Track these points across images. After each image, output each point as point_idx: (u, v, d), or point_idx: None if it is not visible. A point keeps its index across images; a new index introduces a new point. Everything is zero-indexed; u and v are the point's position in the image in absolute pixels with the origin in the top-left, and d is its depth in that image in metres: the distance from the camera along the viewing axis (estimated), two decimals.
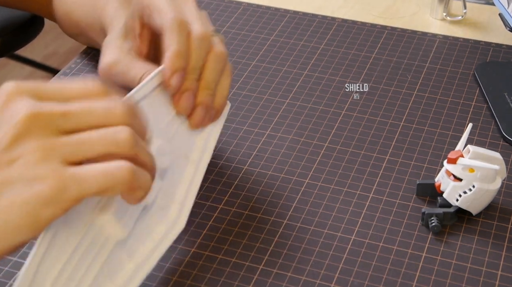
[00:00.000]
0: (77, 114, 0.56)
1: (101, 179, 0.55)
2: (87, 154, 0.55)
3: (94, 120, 0.56)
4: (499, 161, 0.73)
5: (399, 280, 0.68)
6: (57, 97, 0.57)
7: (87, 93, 0.58)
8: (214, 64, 0.72)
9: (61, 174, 0.54)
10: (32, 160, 0.54)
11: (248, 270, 0.69)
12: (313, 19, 1.03)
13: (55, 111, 0.55)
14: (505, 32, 1.00)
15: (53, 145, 0.55)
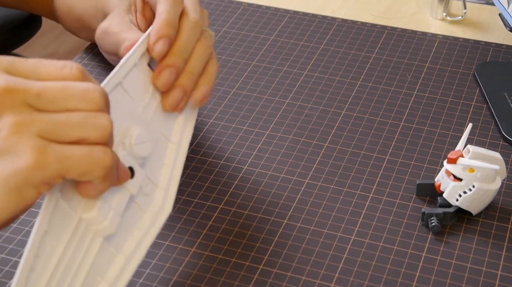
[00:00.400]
0: (53, 95, 0.54)
1: (84, 161, 0.54)
2: (65, 136, 0.54)
3: (70, 103, 0.55)
4: (499, 161, 0.73)
5: (399, 280, 0.68)
6: (32, 75, 0.55)
7: (64, 75, 0.56)
8: (201, 53, 0.71)
9: (42, 150, 0.53)
10: (10, 134, 0.53)
11: (248, 270, 0.69)
12: (313, 19, 1.03)
13: (29, 88, 0.54)
14: (505, 32, 1.00)
15: (32, 121, 0.53)
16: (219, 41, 0.98)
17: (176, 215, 0.74)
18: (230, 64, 0.94)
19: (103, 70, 0.93)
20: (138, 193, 0.65)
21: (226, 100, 0.89)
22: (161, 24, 0.68)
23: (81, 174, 0.55)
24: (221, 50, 0.97)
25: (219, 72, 0.93)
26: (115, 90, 0.64)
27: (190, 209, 0.75)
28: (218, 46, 0.98)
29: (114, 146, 0.62)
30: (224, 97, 0.89)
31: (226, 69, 0.94)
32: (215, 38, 0.99)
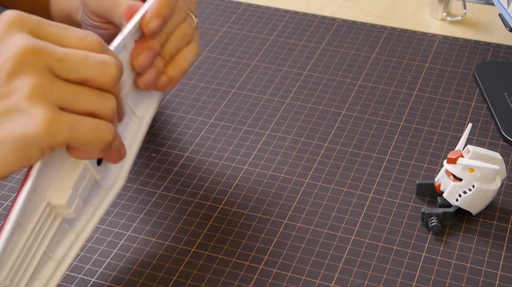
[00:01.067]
0: (73, 63, 0.57)
1: (91, 133, 0.57)
2: (78, 107, 0.57)
3: (88, 72, 0.57)
4: (499, 161, 0.73)
5: (399, 280, 0.68)
6: (56, 39, 0.57)
7: (85, 45, 0.58)
8: (179, 38, 0.71)
9: (55, 118, 0.55)
10: (28, 97, 0.55)
11: (248, 270, 0.69)
12: (313, 19, 1.03)
13: (53, 52, 0.56)
14: (505, 32, 1.00)
15: (51, 87, 0.56)
16: (219, 41, 0.99)
17: (176, 215, 0.74)
18: (230, 64, 0.94)
19: None
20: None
21: (226, 100, 0.89)
22: (162, 3, 0.68)
23: (84, 144, 0.58)
24: (221, 50, 0.97)
25: (219, 72, 0.93)
26: (120, 54, 0.65)
27: (190, 209, 0.75)
28: (218, 46, 0.98)
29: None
30: (224, 97, 0.89)
31: (226, 69, 0.94)
32: (215, 37, 0.99)
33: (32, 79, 0.55)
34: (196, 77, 0.92)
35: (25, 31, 0.57)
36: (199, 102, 0.88)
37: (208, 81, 0.92)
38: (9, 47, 0.55)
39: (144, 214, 0.74)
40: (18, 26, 0.56)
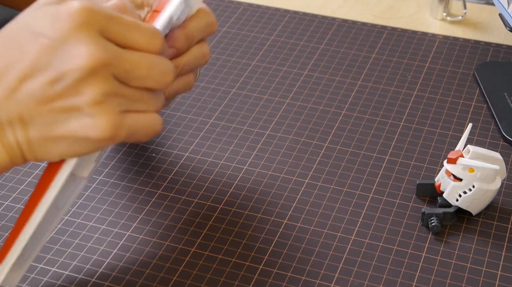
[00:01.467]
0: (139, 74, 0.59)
1: (146, 129, 0.61)
2: (137, 108, 0.60)
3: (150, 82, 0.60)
4: (499, 161, 0.73)
5: (399, 280, 0.68)
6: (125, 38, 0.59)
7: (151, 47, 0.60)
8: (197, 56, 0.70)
9: (118, 126, 0.58)
10: (95, 103, 0.57)
11: (248, 270, 0.69)
12: (313, 19, 1.03)
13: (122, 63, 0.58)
14: (505, 32, 1.00)
15: (116, 94, 0.58)
16: (219, 41, 0.99)
17: (176, 215, 0.74)
18: (230, 64, 0.94)
19: None
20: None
21: (226, 100, 0.89)
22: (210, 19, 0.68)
23: (138, 139, 0.61)
24: (221, 50, 0.97)
25: (219, 72, 0.93)
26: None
27: (190, 209, 0.75)
28: (218, 46, 0.98)
29: None
30: (224, 97, 0.89)
31: (226, 69, 0.94)
32: (215, 37, 0.99)
33: (100, 88, 0.57)
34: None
35: (95, 31, 0.57)
36: (199, 102, 0.88)
37: (208, 81, 0.92)
38: (79, 53, 0.56)
39: (144, 214, 0.74)
40: (89, 24, 0.57)
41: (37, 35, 0.57)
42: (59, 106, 0.57)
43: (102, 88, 0.57)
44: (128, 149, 0.82)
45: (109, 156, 0.81)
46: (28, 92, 0.57)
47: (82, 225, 0.73)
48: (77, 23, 0.57)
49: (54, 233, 0.72)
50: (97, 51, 0.56)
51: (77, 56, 0.56)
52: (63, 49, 0.57)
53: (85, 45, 0.56)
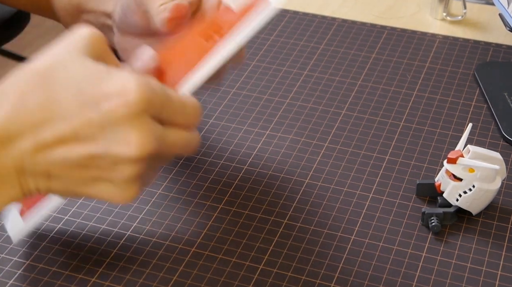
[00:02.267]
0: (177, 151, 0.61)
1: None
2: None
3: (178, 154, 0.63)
4: (499, 161, 0.73)
5: (399, 280, 0.68)
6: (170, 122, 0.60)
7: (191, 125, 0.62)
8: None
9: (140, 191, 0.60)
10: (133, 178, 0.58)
11: (248, 270, 0.69)
12: (313, 19, 1.03)
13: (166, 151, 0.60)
14: (505, 32, 1.00)
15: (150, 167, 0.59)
16: None
17: (176, 215, 0.74)
18: None
19: None
20: None
21: (226, 100, 0.89)
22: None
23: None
24: None
25: None
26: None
27: (190, 209, 0.75)
28: None
29: None
30: (224, 97, 0.89)
31: None
32: None
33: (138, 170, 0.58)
34: None
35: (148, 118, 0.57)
36: (199, 102, 0.88)
37: None
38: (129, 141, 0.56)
39: (144, 214, 0.74)
40: (144, 112, 0.57)
41: (85, 104, 0.56)
42: (92, 175, 0.58)
43: (140, 170, 0.58)
44: None
45: None
46: (64, 155, 0.57)
47: (82, 225, 0.73)
48: (133, 112, 0.56)
49: (54, 233, 0.72)
50: (148, 142, 0.57)
51: (126, 143, 0.56)
52: (111, 129, 0.56)
53: (136, 134, 0.56)
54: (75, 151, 0.57)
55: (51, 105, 0.57)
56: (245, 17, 0.65)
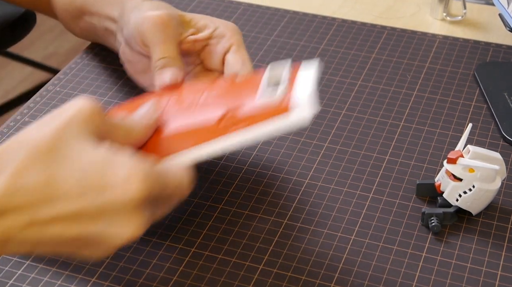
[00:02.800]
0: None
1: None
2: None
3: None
4: (499, 161, 0.73)
5: (399, 280, 0.68)
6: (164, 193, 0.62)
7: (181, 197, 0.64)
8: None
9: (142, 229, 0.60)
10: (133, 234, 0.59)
11: (248, 270, 0.69)
12: (313, 19, 1.03)
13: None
14: (505, 32, 1.00)
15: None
16: None
17: (176, 215, 0.74)
18: None
19: (103, 70, 0.93)
20: None
21: None
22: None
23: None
24: None
25: None
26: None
27: (190, 209, 0.75)
28: None
29: None
30: None
31: None
32: None
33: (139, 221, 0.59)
34: None
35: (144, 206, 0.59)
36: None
37: None
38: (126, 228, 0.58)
39: None
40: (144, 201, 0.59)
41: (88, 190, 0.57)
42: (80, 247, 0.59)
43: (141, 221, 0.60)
44: None
45: None
46: (58, 233, 0.57)
47: None
48: (135, 203, 0.58)
49: None
50: (142, 227, 0.59)
51: (123, 227, 0.58)
52: (111, 214, 0.58)
53: (135, 221, 0.58)
54: (71, 230, 0.57)
55: (52, 185, 0.57)
56: (266, 119, 0.64)
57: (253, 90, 0.66)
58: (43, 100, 0.88)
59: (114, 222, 0.58)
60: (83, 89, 0.90)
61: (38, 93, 0.90)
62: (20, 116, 0.86)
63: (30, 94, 1.62)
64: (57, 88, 0.90)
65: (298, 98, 0.63)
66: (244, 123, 0.64)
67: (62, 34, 2.46)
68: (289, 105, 0.63)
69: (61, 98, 0.89)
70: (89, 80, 0.91)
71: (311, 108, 0.63)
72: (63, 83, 0.91)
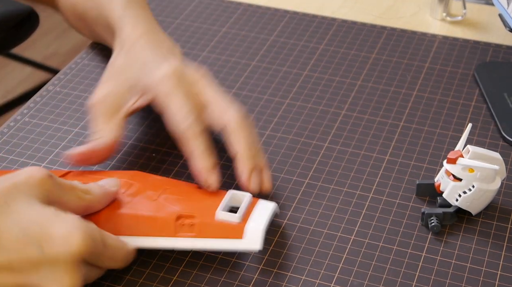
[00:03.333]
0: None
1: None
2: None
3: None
4: (498, 161, 0.73)
5: (399, 280, 0.68)
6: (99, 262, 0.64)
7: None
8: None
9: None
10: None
11: (248, 270, 0.69)
12: (313, 20, 1.03)
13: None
14: (505, 32, 1.00)
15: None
16: (219, 41, 0.99)
17: None
18: (230, 64, 0.94)
19: (103, 70, 0.92)
20: None
21: None
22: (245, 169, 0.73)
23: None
24: (221, 50, 0.97)
25: (220, 72, 0.93)
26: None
27: None
28: (218, 46, 0.98)
29: None
30: None
31: (226, 69, 0.94)
32: (215, 37, 0.99)
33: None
34: None
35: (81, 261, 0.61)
36: None
37: None
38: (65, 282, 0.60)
39: None
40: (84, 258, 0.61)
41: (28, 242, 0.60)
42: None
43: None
44: (128, 149, 0.82)
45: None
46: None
47: None
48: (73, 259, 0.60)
49: None
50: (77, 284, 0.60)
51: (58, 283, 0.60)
52: (48, 268, 0.60)
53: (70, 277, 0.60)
54: (7, 280, 0.60)
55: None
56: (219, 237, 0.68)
57: (213, 205, 0.69)
58: (43, 100, 0.88)
59: (50, 275, 0.60)
60: (83, 89, 0.90)
61: (38, 93, 0.90)
62: (20, 116, 0.86)
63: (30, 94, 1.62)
64: (57, 88, 0.90)
65: (251, 230, 0.67)
66: (198, 232, 0.68)
67: (63, 34, 2.46)
68: (243, 233, 0.67)
69: (61, 98, 0.89)
70: (89, 80, 0.91)
71: (260, 244, 0.67)
72: (63, 83, 0.91)
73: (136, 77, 0.77)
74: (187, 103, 0.73)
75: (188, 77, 0.75)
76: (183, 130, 0.72)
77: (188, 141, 0.72)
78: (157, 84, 0.74)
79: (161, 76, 0.74)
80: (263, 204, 0.71)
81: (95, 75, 0.92)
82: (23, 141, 0.82)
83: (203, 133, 0.72)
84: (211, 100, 0.74)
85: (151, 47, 0.79)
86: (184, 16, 1.03)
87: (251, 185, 0.72)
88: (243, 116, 0.74)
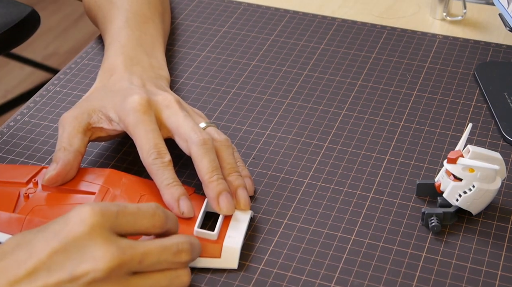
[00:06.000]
0: (151, 260, 0.62)
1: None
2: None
3: (164, 265, 0.63)
4: (499, 161, 0.73)
5: (399, 280, 0.68)
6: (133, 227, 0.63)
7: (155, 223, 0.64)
8: (227, 151, 0.75)
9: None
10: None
11: (248, 270, 0.69)
12: (313, 19, 1.03)
13: (134, 257, 0.61)
14: (505, 32, 1.00)
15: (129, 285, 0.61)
16: (219, 41, 0.99)
17: None
18: (230, 64, 0.94)
19: None
20: None
21: (226, 100, 0.89)
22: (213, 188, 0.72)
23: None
24: (221, 50, 0.97)
25: (220, 72, 0.93)
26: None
27: None
28: (218, 46, 0.98)
29: None
30: (224, 97, 0.89)
31: (226, 69, 0.94)
32: (215, 37, 0.99)
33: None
34: (196, 77, 0.92)
35: (108, 231, 0.60)
36: (199, 102, 0.88)
37: (208, 81, 0.92)
38: (94, 256, 0.59)
39: None
40: (101, 225, 0.60)
41: (48, 238, 0.60)
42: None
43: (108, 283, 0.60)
44: (128, 149, 0.82)
45: (109, 156, 0.81)
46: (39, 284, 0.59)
47: None
48: (90, 228, 0.60)
49: None
50: (112, 253, 0.59)
51: (92, 259, 0.59)
52: (76, 251, 0.59)
53: (99, 248, 0.59)
54: (43, 282, 0.59)
55: (22, 250, 0.60)
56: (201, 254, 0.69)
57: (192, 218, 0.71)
58: (43, 100, 0.88)
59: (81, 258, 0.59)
60: (83, 89, 0.90)
61: (38, 93, 0.90)
62: (20, 116, 0.86)
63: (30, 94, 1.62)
64: (57, 88, 0.90)
65: (228, 251, 0.69)
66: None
67: (62, 34, 2.46)
68: (220, 253, 0.69)
69: (61, 98, 0.89)
70: (89, 80, 0.91)
71: (236, 262, 0.69)
72: (63, 83, 0.91)
73: (108, 106, 0.77)
74: (152, 137, 0.73)
75: (156, 106, 0.76)
76: (149, 163, 0.72)
77: (155, 173, 0.72)
78: (126, 115, 0.75)
79: (129, 108, 0.75)
80: (239, 215, 0.72)
81: (94, 75, 0.92)
82: (23, 141, 0.82)
83: (170, 163, 0.72)
84: (175, 129, 0.75)
85: (127, 78, 0.80)
86: (184, 16, 1.03)
87: (221, 210, 0.71)
88: (206, 141, 0.73)
